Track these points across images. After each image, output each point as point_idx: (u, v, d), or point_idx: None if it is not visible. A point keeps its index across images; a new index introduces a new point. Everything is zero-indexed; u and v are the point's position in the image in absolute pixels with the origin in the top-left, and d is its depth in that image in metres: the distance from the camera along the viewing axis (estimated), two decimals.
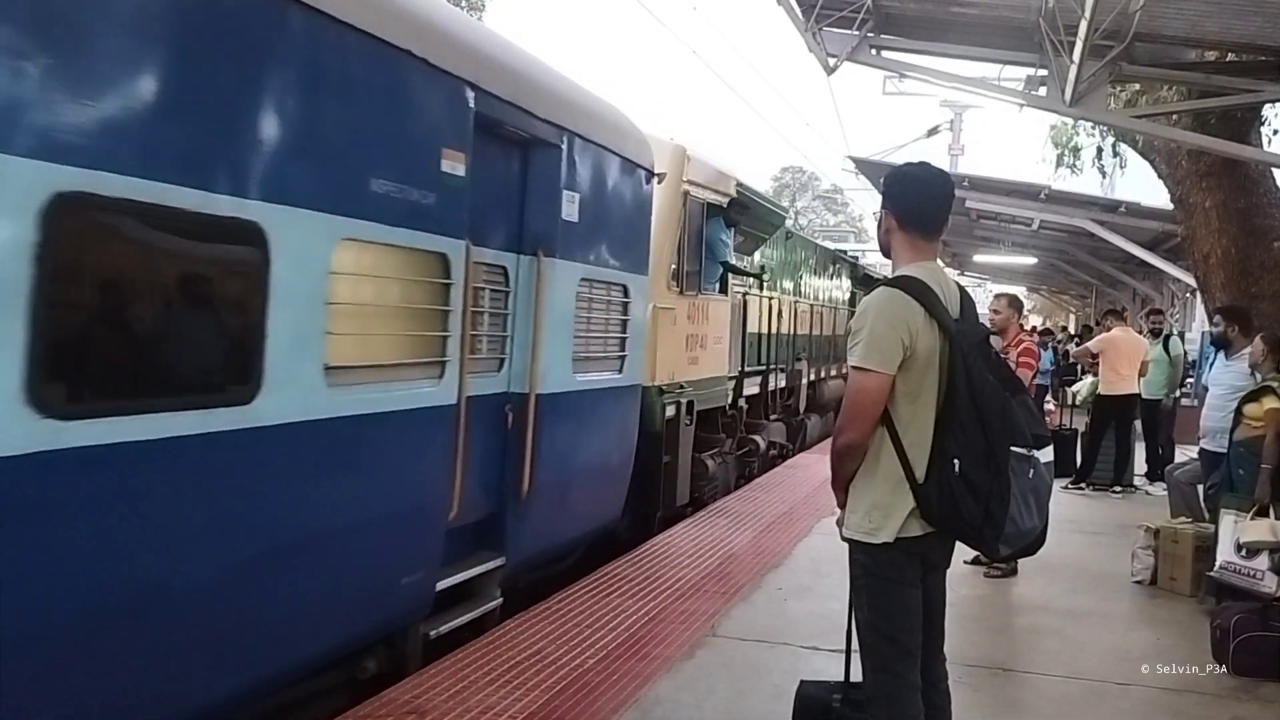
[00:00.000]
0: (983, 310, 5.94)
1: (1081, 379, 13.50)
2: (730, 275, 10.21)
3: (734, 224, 10.05)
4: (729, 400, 10.63)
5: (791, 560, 7.39)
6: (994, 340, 5.84)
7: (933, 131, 29.99)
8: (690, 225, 8.91)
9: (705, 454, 9.64)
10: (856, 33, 9.34)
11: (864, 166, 18.89)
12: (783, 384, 13.53)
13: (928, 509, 3.00)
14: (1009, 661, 5.43)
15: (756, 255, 12.85)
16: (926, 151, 31.59)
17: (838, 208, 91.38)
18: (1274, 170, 10.42)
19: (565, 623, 5.63)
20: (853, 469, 3.10)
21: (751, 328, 11.70)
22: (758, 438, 11.82)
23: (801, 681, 3.81)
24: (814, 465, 12.24)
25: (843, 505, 3.20)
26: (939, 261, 3.44)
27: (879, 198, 3.47)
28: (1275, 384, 6.39)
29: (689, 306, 8.98)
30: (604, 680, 4.81)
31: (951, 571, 3.36)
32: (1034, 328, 23.27)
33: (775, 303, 13.22)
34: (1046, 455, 3.11)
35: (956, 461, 2.95)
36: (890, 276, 3.17)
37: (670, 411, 8.44)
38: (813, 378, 15.62)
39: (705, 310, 9.43)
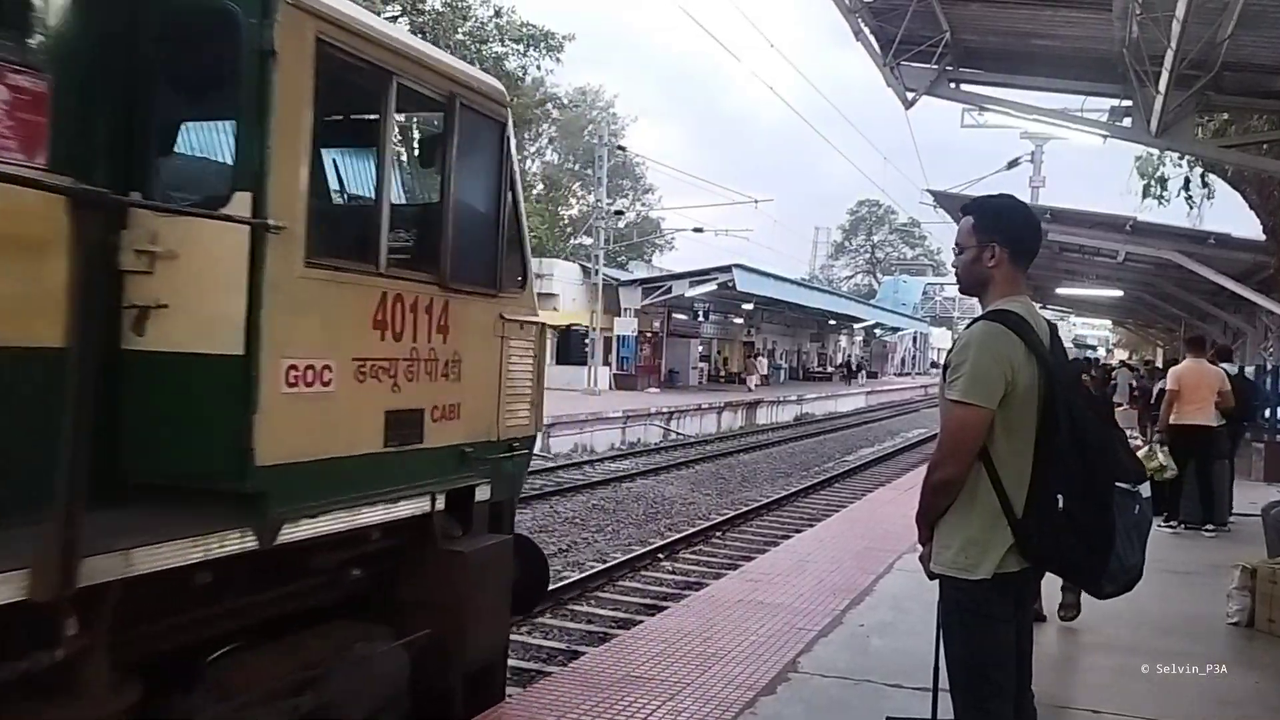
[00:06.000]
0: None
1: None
2: None
3: None
4: None
5: (872, 596, 7.32)
6: None
7: (1013, 164, 29.60)
8: None
9: None
10: (935, 66, 9.34)
11: (943, 200, 18.70)
12: None
13: (1027, 545, 2.97)
14: (1097, 704, 5.29)
15: None
16: (1007, 184, 31.20)
17: (915, 241, 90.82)
18: None
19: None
20: (947, 505, 3.07)
21: None
22: None
23: (888, 718, 3.79)
24: (894, 501, 12.10)
25: (924, 541, 3.18)
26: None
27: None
28: None
29: None
30: None
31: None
32: (1121, 361, 22.72)
33: None
34: (1145, 491, 3.07)
35: (1059, 497, 2.93)
36: (988, 310, 3.14)
37: None
38: None
39: None
